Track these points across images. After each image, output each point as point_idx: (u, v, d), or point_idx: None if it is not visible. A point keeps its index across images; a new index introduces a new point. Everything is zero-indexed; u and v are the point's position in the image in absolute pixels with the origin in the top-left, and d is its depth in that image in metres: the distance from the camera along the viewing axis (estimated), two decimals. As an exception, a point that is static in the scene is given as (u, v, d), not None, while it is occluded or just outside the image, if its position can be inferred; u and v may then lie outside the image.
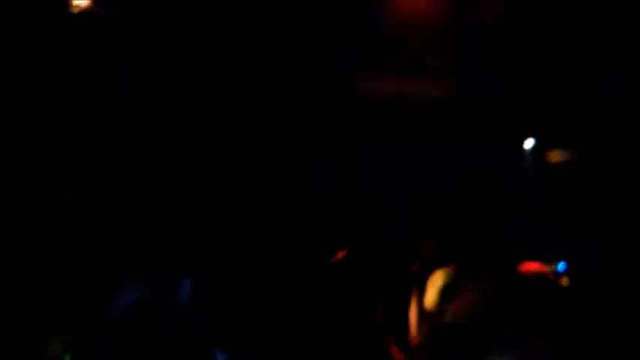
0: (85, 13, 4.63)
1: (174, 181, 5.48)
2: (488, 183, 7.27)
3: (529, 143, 7.60)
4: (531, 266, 4.58)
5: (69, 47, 5.00)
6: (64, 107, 5.07)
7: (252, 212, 5.85)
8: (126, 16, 4.95)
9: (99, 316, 3.61)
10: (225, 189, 5.89)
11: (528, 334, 2.16)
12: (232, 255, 4.96)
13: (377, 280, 4.38)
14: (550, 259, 6.71)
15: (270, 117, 6.19)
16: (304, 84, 6.30)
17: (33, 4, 4.57)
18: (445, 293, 3.11)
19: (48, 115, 4.97)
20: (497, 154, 7.34)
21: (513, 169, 7.55)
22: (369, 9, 6.14)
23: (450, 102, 7.21)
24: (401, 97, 6.86)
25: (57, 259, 4.20)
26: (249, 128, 6.17)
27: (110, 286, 3.94)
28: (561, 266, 6.67)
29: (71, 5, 4.66)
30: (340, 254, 5.01)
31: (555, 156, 7.52)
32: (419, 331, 3.45)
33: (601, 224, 6.92)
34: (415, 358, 2.79)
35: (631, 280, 5.31)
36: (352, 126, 6.85)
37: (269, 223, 5.74)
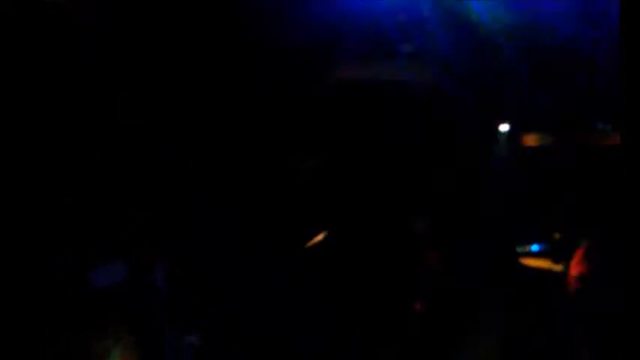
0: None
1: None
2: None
3: (504, 127, 7.70)
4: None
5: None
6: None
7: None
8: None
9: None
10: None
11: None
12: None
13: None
14: (525, 241, 6.88)
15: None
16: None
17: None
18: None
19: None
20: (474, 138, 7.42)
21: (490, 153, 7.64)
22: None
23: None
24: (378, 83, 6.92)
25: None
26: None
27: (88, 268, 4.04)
28: (535, 248, 6.83)
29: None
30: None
31: (531, 140, 7.63)
32: None
33: (577, 208, 7.04)
34: None
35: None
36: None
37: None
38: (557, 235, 6.89)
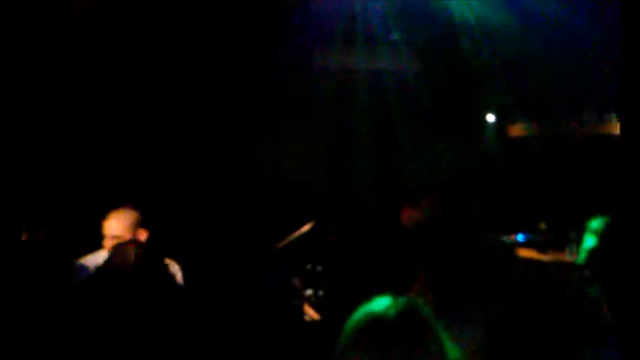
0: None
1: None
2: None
3: (490, 118, 7.74)
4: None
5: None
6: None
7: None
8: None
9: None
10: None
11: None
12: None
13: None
14: (511, 230, 6.93)
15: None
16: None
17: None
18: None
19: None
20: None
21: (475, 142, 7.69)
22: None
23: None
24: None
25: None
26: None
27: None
28: (521, 237, 6.89)
29: None
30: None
31: (516, 130, 7.67)
32: None
33: (563, 197, 7.10)
34: None
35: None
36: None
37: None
38: (542, 225, 6.94)
